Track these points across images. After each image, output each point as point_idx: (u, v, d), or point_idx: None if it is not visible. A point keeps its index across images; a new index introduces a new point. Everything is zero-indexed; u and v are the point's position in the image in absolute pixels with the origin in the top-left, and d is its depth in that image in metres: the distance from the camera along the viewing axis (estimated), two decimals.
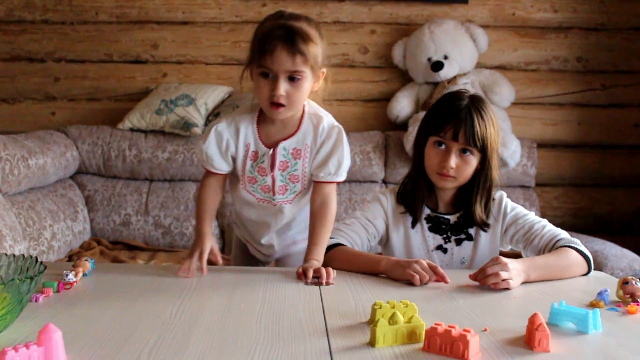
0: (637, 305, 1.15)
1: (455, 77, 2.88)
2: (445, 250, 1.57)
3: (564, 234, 1.50)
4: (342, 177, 1.51)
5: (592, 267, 1.46)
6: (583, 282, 1.39)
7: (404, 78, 3.04)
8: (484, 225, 1.54)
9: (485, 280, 1.28)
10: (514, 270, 1.29)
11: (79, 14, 3.03)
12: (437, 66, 2.83)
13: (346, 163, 1.51)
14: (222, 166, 1.52)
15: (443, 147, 1.50)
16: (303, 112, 1.48)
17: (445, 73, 2.84)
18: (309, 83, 1.38)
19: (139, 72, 3.07)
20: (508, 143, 2.67)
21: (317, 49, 1.36)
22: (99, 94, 3.07)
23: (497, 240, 1.56)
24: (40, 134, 2.61)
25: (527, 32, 3.06)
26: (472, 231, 1.57)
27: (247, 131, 1.48)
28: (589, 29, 3.05)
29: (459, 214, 1.57)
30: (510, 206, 1.57)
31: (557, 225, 1.54)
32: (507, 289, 1.28)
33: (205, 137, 1.49)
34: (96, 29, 3.04)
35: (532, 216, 1.55)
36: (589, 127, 3.08)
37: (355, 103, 3.07)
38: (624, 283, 1.22)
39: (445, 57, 2.86)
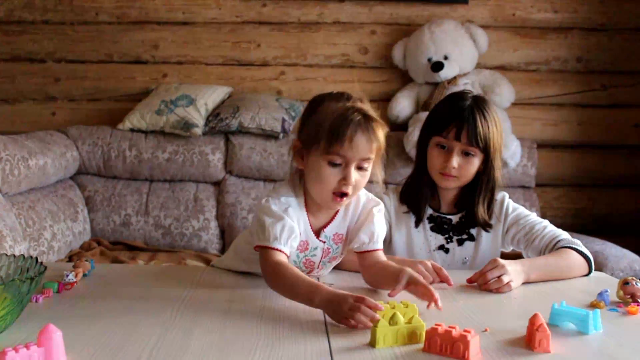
0: (638, 305, 1.15)
1: (455, 78, 2.88)
2: (447, 250, 1.57)
3: (564, 235, 1.50)
4: (380, 244, 1.33)
5: (593, 268, 1.46)
6: (583, 283, 1.39)
7: (404, 78, 3.04)
8: (486, 226, 1.55)
9: (487, 286, 1.28)
10: (513, 272, 1.29)
11: (79, 15, 3.03)
12: (437, 66, 2.83)
13: (381, 232, 1.34)
14: (294, 245, 1.26)
15: (446, 147, 1.50)
16: None
17: (446, 73, 2.84)
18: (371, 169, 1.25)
19: (139, 73, 3.07)
20: (508, 143, 2.67)
21: (384, 135, 1.24)
22: (99, 94, 3.07)
23: (498, 240, 1.56)
24: (40, 134, 2.61)
25: (527, 33, 3.06)
26: (474, 231, 1.57)
27: (300, 218, 1.28)
28: (589, 29, 3.05)
29: (461, 214, 1.58)
30: (511, 207, 1.57)
31: (557, 226, 1.54)
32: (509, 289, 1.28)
33: (280, 213, 1.23)
34: (96, 30, 3.04)
35: (533, 217, 1.55)
36: (589, 128, 3.08)
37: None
38: (624, 283, 1.22)
39: (446, 58, 2.86)
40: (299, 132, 1.29)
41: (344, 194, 1.22)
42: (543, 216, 3.03)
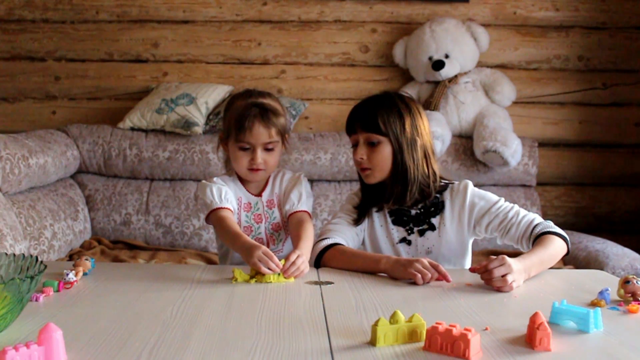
0: (638, 304, 1.15)
1: (456, 76, 2.88)
2: (409, 242, 1.59)
3: (538, 219, 1.52)
4: (305, 206, 1.61)
5: (570, 246, 1.50)
6: (584, 281, 1.39)
7: (405, 77, 3.04)
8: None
9: (490, 282, 1.28)
10: (517, 271, 1.29)
11: (80, 13, 3.03)
12: (438, 65, 2.82)
13: (306, 196, 1.63)
14: (234, 203, 1.60)
15: (357, 144, 1.57)
16: None
17: (446, 72, 2.84)
18: (280, 148, 1.60)
19: (139, 71, 3.07)
20: (509, 142, 2.67)
21: (284, 120, 1.59)
22: (100, 93, 3.07)
23: (464, 228, 1.58)
24: (40, 133, 2.61)
25: (528, 31, 3.05)
26: (435, 221, 1.58)
27: (236, 186, 1.65)
28: (590, 27, 3.05)
29: (420, 205, 1.59)
30: (478, 195, 1.58)
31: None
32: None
33: (211, 180, 1.61)
34: (97, 28, 3.04)
35: (503, 203, 1.57)
36: (590, 126, 3.07)
37: (356, 102, 3.05)
38: (625, 282, 1.22)
39: (446, 56, 2.85)
40: (223, 126, 1.65)
41: (257, 169, 1.56)
42: (544, 215, 3.02)
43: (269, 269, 1.31)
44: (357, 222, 1.61)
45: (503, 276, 1.27)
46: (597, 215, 3.08)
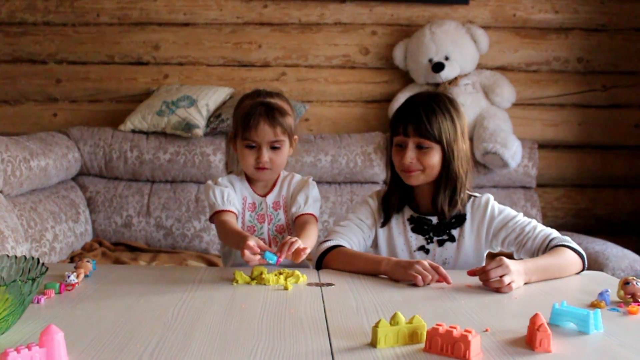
0: (638, 305, 1.15)
1: (456, 78, 2.88)
2: (427, 251, 1.59)
3: (555, 233, 1.51)
4: (312, 209, 1.62)
5: (586, 264, 1.47)
6: (584, 283, 1.39)
7: (405, 79, 3.04)
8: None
9: (488, 283, 1.28)
10: (515, 272, 1.29)
11: (81, 16, 3.04)
12: (438, 67, 2.83)
13: (313, 200, 1.64)
14: (237, 205, 1.62)
15: (402, 145, 1.54)
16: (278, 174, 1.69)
17: (446, 74, 2.84)
18: (287, 148, 1.61)
19: (140, 74, 3.07)
20: (509, 144, 2.67)
21: (291, 120, 1.60)
22: (101, 95, 3.08)
23: (482, 242, 1.57)
24: (42, 135, 2.61)
25: (527, 33, 3.06)
26: (455, 232, 1.58)
27: (242, 186, 1.67)
28: (589, 29, 3.05)
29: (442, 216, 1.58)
30: (497, 209, 1.58)
31: (558, 226, 1.55)
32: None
33: (215, 181, 1.63)
34: (98, 31, 3.05)
35: (521, 218, 1.56)
36: (589, 128, 3.08)
37: (356, 104, 3.07)
38: (625, 283, 1.22)
39: (446, 58, 2.86)
40: (232, 125, 1.69)
41: (263, 168, 1.58)
42: (544, 217, 3.02)
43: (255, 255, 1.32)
44: (383, 224, 1.61)
45: (501, 277, 1.27)
46: (597, 216, 3.08)
